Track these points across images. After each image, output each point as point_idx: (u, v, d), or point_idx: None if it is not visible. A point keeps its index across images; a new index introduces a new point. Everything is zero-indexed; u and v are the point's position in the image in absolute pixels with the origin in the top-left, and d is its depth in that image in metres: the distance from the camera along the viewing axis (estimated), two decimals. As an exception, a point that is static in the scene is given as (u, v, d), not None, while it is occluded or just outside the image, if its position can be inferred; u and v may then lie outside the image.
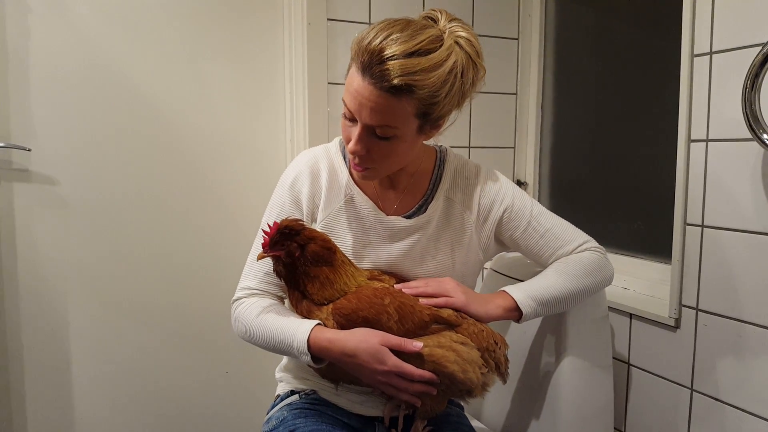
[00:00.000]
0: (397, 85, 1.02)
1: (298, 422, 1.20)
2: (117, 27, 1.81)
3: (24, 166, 1.76)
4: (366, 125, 1.08)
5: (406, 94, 1.04)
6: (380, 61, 1.02)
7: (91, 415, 1.90)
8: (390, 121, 1.07)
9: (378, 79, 1.03)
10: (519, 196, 1.30)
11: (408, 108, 1.06)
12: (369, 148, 1.12)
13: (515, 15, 2.17)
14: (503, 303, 1.19)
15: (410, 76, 1.02)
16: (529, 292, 1.20)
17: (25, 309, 1.80)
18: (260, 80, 1.99)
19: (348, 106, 1.09)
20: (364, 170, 1.17)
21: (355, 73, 1.06)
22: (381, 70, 1.02)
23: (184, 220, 1.96)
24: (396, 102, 1.05)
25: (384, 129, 1.08)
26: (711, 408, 1.45)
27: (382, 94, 1.04)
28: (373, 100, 1.05)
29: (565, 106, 2.14)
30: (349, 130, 1.13)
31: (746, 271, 1.36)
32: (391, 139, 1.10)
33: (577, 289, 1.24)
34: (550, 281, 1.23)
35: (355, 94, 1.06)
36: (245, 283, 1.25)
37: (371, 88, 1.04)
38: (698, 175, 1.45)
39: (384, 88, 1.03)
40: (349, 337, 1.07)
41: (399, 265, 1.24)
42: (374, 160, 1.14)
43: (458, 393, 1.15)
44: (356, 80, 1.06)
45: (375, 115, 1.06)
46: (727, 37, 1.37)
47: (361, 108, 1.07)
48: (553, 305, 1.22)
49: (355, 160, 1.15)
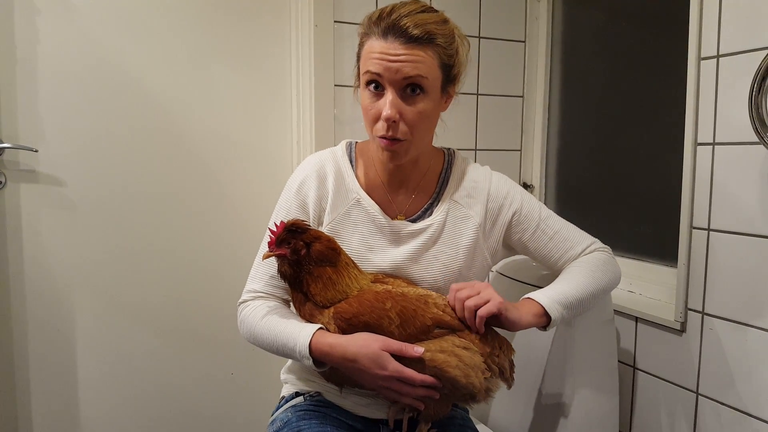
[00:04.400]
0: (419, 35, 1.11)
1: (303, 424, 1.20)
2: (125, 29, 1.82)
3: (31, 166, 1.77)
4: (399, 83, 1.12)
5: (428, 43, 1.12)
6: (399, 18, 1.11)
7: (96, 414, 1.90)
8: (421, 70, 1.12)
9: (401, 34, 1.10)
10: (527, 199, 1.31)
11: (433, 56, 1.13)
12: (402, 113, 1.14)
13: (522, 18, 2.17)
14: (532, 309, 1.17)
15: (428, 26, 1.12)
16: (553, 297, 1.19)
17: (32, 308, 1.80)
18: (267, 82, 2.00)
19: (374, 71, 1.13)
20: (394, 144, 1.16)
21: (376, 40, 1.13)
22: (402, 24, 1.10)
23: (190, 221, 1.96)
24: (422, 50, 1.12)
25: (415, 80, 1.12)
26: (716, 412, 1.45)
27: (409, 45, 1.11)
28: (403, 53, 1.11)
29: (572, 109, 2.13)
30: (375, 105, 1.15)
31: (753, 275, 1.35)
32: (422, 95, 1.14)
33: (597, 289, 1.24)
34: (572, 284, 1.23)
35: (381, 56, 1.12)
36: (251, 285, 1.26)
37: (397, 44, 1.11)
38: (705, 179, 1.45)
39: (410, 38, 1.10)
40: (350, 342, 1.07)
41: (404, 268, 1.24)
42: (405, 129, 1.15)
43: (461, 398, 1.15)
44: (379, 45, 1.12)
45: (407, 66, 1.11)
46: (734, 41, 1.36)
47: (390, 66, 1.11)
48: (576, 308, 1.21)
49: (389, 132, 1.15)
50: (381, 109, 1.13)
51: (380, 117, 1.14)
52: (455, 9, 1.99)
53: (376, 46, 1.12)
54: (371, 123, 1.17)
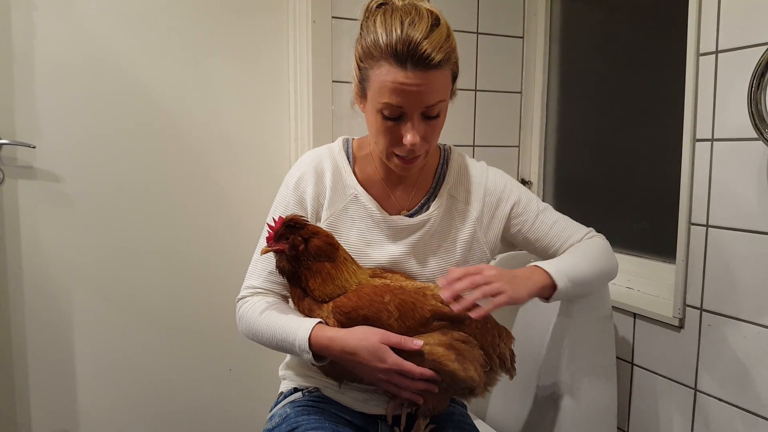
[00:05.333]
0: (439, 59, 1.06)
1: (301, 419, 1.20)
2: (122, 25, 1.81)
3: (29, 163, 1.76)
4: (422, 112, 1.10)
5: (446, 64, 1.09)
6: (417, 44, 1.05)
7: (94, 411, 1.90)
8: (443, 95, 1.12)
9: (422, 61, 1.05)
10: (524, 192, 1.32)
11: (447, 75, 1.12)
12: (424, 135, 1.13)
13: (520, 13, 2.16)
14: (540, 279, 1.16)
15: (442, 47, 1.07)
16: (561, 268, 1.18)
17: (30, 305, 1.80)
18: (265, 78, 2.00)
19: (395, 103, 1.08)
20: (414, 162, 1.16)
21: (392, 68, 1.06)
22: (422, 52, 1.05)
23: (188, 217, 1.96)
24: (442, 75, 1.09)
25: (438, 105, 1.11)
26: (714, 408, 1.45)
27: (432, 73, 1.07)
28: (425, 82, 1.07)
29: (570, 105, 2.13)
30: (395, 130, 1.12)
31: (751, 272, 1.35)
32: (440, 114, 1.14)
33: (601, 270, 1.25)
34: (577, 260, 1.23)
35: (403, 86, 1.06)
36: (249, 282, 1.26)
37: (420, 73, 1.06)
38: (703, 175, 1.45)
39: (432, 67, 1.06)
40: (350, 335, 1.07)
41: (402, 263, 1.24)
42: (426, 146, 1.15)
43: (460, 392, 1.15)
44: (397, 74, 1.06)
45: (432, 94, 1.09)
46: (733, 36, 1.36)
47: (411, 96, 1.07)
48: (580, 285, 1.21)
49: (410, 155, 1.14)
50: (400, 133, 1.11)
51: (399, 141, 1.12)
52: (453, 5, 1.98)
53: (393, 74, 1.06)
54: (387, 144, 1.15)
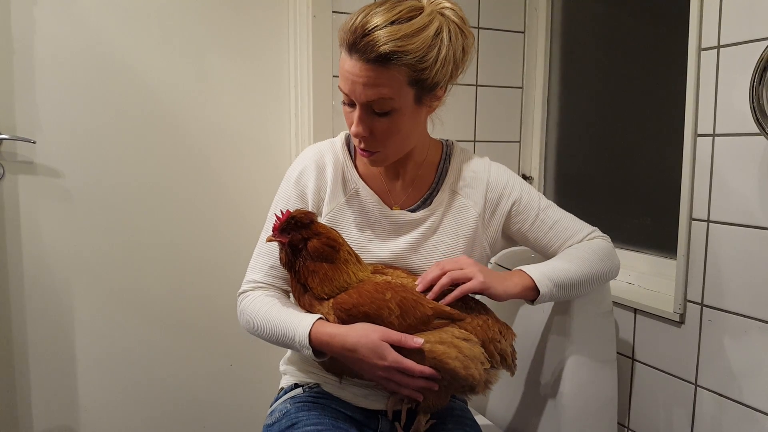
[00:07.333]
0: (382, 53, 1.03)
1: (301, 415, 1.20)
2: (123, 20, 1.81)
3: (29, 158, 1.76)
4: (363, 104, 1.10)
5: (394, 62, 1.05)
6: (363, 34, 1.04)
7: (95, 406, 1.90)
8: (384, 93, 1.08)
9: (364, 52, 1.04)
10: (526, 189, 1.31)
11: (399, 76, 1.07)
12: (371, 129, 1.12)
13: (521, 8, 2.16)
14: (521, 281, 1.17)
15: (394, 42, 1.03)
16: (546, 272, 1.19)
17: (30, 300, 1.80)
18: (265, 73, 1.99)
19: (343, 89, 1.11)
20: (371, 155, 1.17)
21: (344, 55, 1.08)
22: (365, 42, 1.04)
23: (188, 212, 1.96)
24: (385, 71, 1.06)
25: (380, 103, 1.09)
26: (715, 404, 1.45)
27: (371, 66, 1.05)
28: (364, 75, 1.06)
29: (571, 100, 2.13)
30: (351, 116, 1.14)
31: (752, 267, 1.35)
32: (391, 113, 1.11)
33: (592, 274, 1.24)
34: (566, 264, 1.22)
35: (347, 74, 1.08)
36: (251, 276, 1.26)
37: (360, 64, 1.05)
38: (704, 170, 1.44)
39: (371, 60, 1.04)
40: (350, 332, 1.07)
41: (404, 258, 1.24)
42: (379, 142, 1.14)
43: (460, 389, 1.15)
44: (346, 62, 1.08)
45: (368, 89, 1.07)
46: (734, 31, 1.35)
47: (354, 86, 1.08)
48: (568, 289, 1.21)
49: (361, 144, 1.15)
50: (353, 121, 1.13)
51: None
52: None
53: (344, 62, 1.08)
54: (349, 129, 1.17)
